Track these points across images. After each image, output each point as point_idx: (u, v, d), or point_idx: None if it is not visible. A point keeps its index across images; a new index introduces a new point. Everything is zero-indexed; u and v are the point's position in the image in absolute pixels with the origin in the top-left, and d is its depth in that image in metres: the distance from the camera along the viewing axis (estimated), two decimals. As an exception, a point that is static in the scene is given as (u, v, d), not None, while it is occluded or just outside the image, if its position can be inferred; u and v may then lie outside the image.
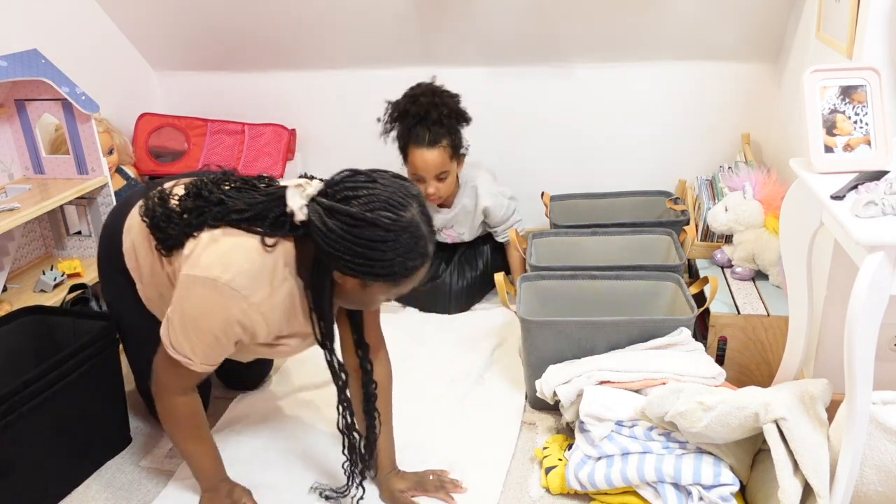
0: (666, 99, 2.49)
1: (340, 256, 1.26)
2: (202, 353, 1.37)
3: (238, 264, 1.32)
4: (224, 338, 1.36)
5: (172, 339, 1.37)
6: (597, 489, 1.52)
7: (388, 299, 1.42)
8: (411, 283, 1.35)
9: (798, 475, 1.31)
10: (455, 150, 2.18)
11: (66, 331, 1.75)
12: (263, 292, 1.34)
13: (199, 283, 1.32)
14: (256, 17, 2.47)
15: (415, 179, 2.17)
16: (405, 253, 1.27)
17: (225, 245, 1.34)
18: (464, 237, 2.39)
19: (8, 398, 1.46)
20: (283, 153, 2.65)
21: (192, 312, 1.34)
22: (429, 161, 2.12)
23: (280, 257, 1.35)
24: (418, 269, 1.32)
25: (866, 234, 1.13)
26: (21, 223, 1.91)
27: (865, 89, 1.35)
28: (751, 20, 2.23)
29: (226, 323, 1.33)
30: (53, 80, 2.01)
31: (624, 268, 1.96)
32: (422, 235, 1.29)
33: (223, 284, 1.30)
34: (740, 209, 1.93)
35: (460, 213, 2.32)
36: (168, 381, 1.43)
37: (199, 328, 1.34)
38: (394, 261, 1.27)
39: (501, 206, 2.32)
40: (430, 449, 1.71)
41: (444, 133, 2.13)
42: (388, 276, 1.29)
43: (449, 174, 2.18)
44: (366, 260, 1.26)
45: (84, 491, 1.64)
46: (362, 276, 1.28)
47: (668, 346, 1.69)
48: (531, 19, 2.34)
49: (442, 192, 2.20)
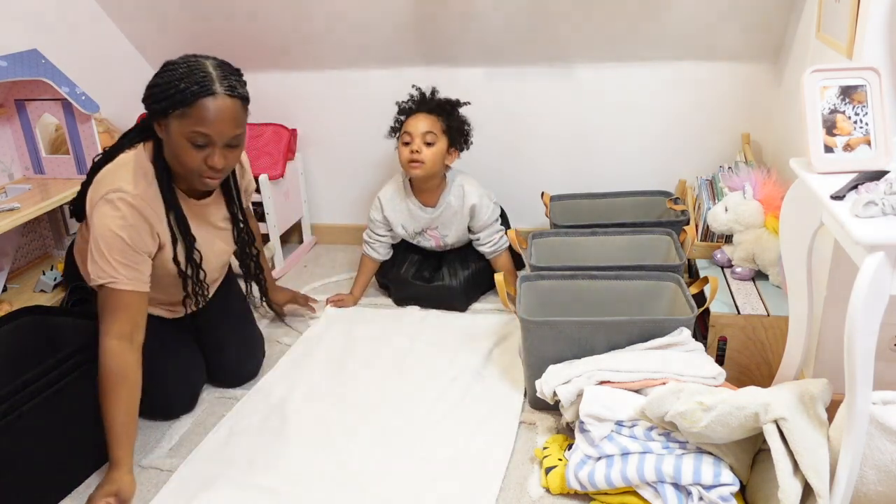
0: (666, 99, 2.49)
1: (146, 103, 1.58)
2: (121, 266, 1.58)
3: (111, 178, 1.61)
4: (131, 240, 1.59)
5: (94, 270, 1.58)
6: (597, 489, 1.52)
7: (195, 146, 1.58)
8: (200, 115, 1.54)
9: (798, 475, 1.31)
10: (449, 130, 2.23)
11: (67, 331, 1.76)
12: (138, 187, 1.61)
13: (96, 208, 1.59)
14: (256, 17, 2.47)
15: (402, 145, 2.22)
16: (181, 78, 1.53)
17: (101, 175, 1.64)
18: (447, 240, 2.39)
19: (8, 398, 1.46)
20: (283, 153, 2.65)
21: (98, 231, 1.57)
22: (420, 121, 2.20)
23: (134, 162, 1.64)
24: (198, 94, 1.53)
25: (866, 234, 1.13)
26: (21, 223, 1.91)
27: (865, 89, 1.34)
28: (751, 20, 2.23)
29: (123, 221, 1.58)
30: (53, 80, 2.01)
31: (624, 268, 1.95)
32: (204, 69, 1.56)
33: (108, 195, 1.58)
34: (740, 209, 1.93)
35: (446, 213, 2.33)
36: (105, 323, 1.59)
37: (107, 241, 1.57)
38: (171, 83, 1.53)
39: (487, 207, 2.33)
40: (429, 447, 1.71)
41: (439, 111, 2.23)
42: (168, 103, 1.54)
43: (435, 146, 2.20)
44: (153, 90, 1.56)
45: (84, 491, 1.64)
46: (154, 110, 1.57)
47: (668, 346, 1.69)
48: (531, 19, 2.34)
49: (425, 159, 2.19)
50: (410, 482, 1.61)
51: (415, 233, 2.38)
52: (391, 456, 1.69)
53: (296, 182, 2.81)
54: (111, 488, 1.53)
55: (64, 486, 1.63)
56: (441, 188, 2.32)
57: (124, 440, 1.57)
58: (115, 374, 1.56)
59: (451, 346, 2.14)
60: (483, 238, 2.35)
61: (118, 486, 1.54)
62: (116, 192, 1.58)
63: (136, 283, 1.61)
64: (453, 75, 2.48)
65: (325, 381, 2.00)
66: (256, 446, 1.76)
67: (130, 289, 1.60)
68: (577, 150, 2.62)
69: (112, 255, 1.57)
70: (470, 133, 2.30)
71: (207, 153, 1.59)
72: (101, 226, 1.57)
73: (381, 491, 1.59)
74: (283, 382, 2.01)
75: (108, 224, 1.57)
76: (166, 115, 1.56)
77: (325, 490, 1.60)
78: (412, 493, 1.58)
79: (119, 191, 1.58)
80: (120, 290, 1.58)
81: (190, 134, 1.56)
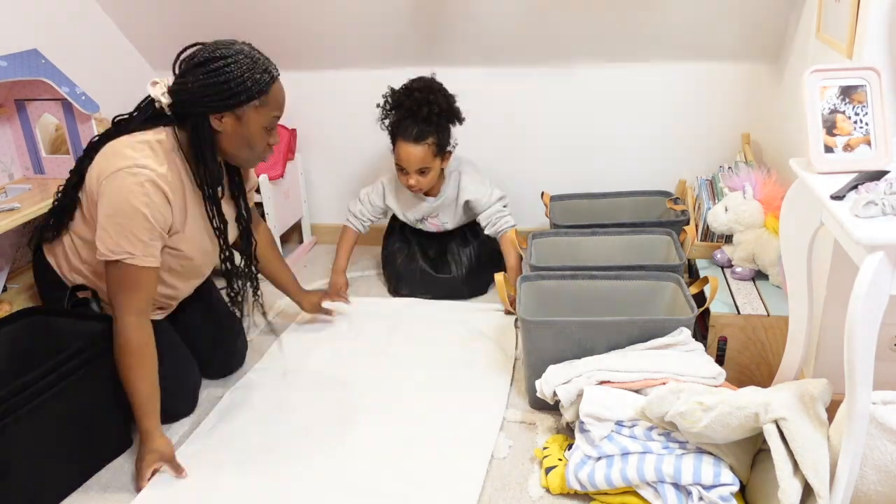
0: (666, 99, 2.49)
1: (202, 100, 1.55)
2: (139, 241, 1.54)
3: (129, 154, 1.56)
4: (153, 217, 1.55)
5: (109, 244, 1.54)
6: (597, 489, 1.52)
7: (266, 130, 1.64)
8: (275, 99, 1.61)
9: (798, 475, 1.31)
10: (440, 148, 2.25)
11: (67, 332, 1.75)
12: (161, 167, 1.57)
13: (111, 179, 1.53)
14: (256, 17, 2.47)
15: (397, 169, 2.30)
16: (249, 68, 1.55)
17: (112, 149, 1.59)
18: (447, 226, 2.46)
19: (6, 400, 1.46)
20: (282, 153, 2.65)
21: (116, 203, 1.53)
22: (412, 155, 2.21)
23: (157, 146, 1.60)
24: (270, 83, 1.59)
25: (866, 234, 1.13)
26: (21, 223, 1.91)
27: (865, 89, 1.35)
28: (751, 20, 2.23)
29: (147, 197, 1.53)
30: (53, 80, 2.01)
31: (624, 268, 1.96)
32: (256, 56, 1.59)
33: (131, 169, 1.53)
34: (740, 209, 1.93)
35: (445, 202, 2.41)
36: (121, 298, 1.57)
37: (126, 214, 1.53)
38: (243, 76, 1.54)
39: (484, 194, 2.37)
40: (417, 438, 1.74)
41: (431, 131, 2.21)
42: (248, 93, 1.56)
43: (431, 170, 2.26)
44: (222, 87, 1.53)
45: (83, 493, 1.64)
46: (229, 105, 1.56)
47: (668, 346, 1.69)
48: (531, 19, 2.34)
49: (422, 185, 2.28)
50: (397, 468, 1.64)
51: (416, 220, 2.46)
52: (380, 447, 1.72)
53: (296, 182, 2.81)
54: (153, 457, 1.61)
55: (62, 489, 1.63)
56: (440, 181, 2.39)
57: (152, 410, 1.63)
58: (137, 347, 1.59)
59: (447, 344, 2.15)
60: (483, 219, 2.40)
61: (158, 452, 1.62)
62: (141, 168, 1.54)
63: (153, 259, 1.59)
64: (453, 75, 2.47)
65: (319, 370, 2.05)
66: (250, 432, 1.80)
67: (148, 265, 1.58)
68: (577, 150, 2.62)
69: (132, 230, 1.54)
70: (455, 120, 2.28)
71: (272, 134, 1.69)
72: (122, 199, 1.53)
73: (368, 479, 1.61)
74: (273, 372, 2.05)
75: (130, 198, 1.53)
76: (240, 107, 1.58)
77: (315, 478, 1.63)
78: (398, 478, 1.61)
79: (144, 167, 1.54)
80: (138, 266, 1.57)
81: (270, 119, 1.64)
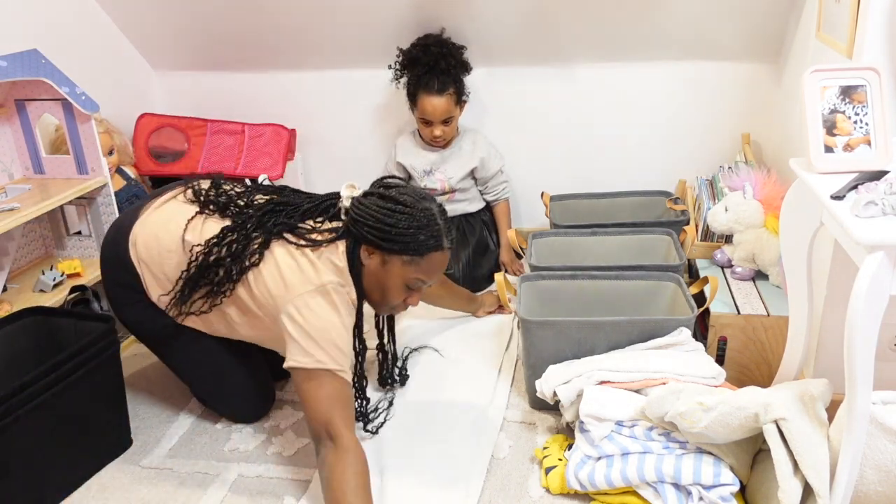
0: (666, 99, 2.49)
1: (364, 222, 1.52)
2: (345, 357, 1.49)
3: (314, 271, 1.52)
4: (349, 332, 1.53)
5: (319, 357, 1.46)
6: (597, 489, 1.52)
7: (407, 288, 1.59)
8: (427, 267, 1.55)
9: (798, 475, 1.31)
10: (459, 97, 2.39)
11: (68, 332, 1.75)
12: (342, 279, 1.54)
13: (308, 298, 1.49)
14: (256, 17, 2.47)
15: (422, 123, 2.40)
16: (420, 227, 1.50)
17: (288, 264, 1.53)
18: (452, 182, 2.48)
19: (6, 400, 1.46)
20: (283, 153, 2.65)
21: (319, 324, 1.48)
22: (437, 107, 2.33)
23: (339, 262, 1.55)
24: (432, 250, 1.53)
25: (866, 234, 1.13)
26: (21, 223, 1.91)
27: (865, 89, 1.35)
28: (751, 20, 2.23)
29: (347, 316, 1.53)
30: (53, 80, 2.00)
31: (624, 268, 1.96)
32: (437, 222, 1.53)
33: (324, 285, 1.50)
34: (740, 209, 1.93)
35: (455, 153, 2.48)
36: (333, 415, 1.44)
37: (331, 333, 1.48)
38: (408, 231, 1.50)
39: (494, 157, 2.51)
40: (416, 438, 1.75)
41: (450, 81, 2.34)
42: (402, 247, 1.51)
43: (454, 119, 2.40)
44: (385, 227, 1.50)
45: (84, 492, 1.64)
46: (380, 244, 1.51)
47: (668, 346, 1.69)
48: (531, 19, 2.34)
49: (447, 135, 2.41)
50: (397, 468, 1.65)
51: (424, 172, 2.49)
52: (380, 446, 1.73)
53: (296, 182, 2.80)
54: None
55: (63, 488, 1.63)
56: (453, 135, 2.48)
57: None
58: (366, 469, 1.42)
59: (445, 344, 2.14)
60: (489, 187, 2.53)
61: None
62: (332, 285, 1.51)
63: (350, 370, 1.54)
64: (453, 75, 2.48)
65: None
66: None
67: (349, 379, 1.52)
68: (577, 150, 2.62)
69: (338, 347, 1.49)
70: (465, 71, 2.41)
71: (412, 295, 1.62)
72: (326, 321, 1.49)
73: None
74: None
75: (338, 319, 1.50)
76: (389, 253, 1.53)
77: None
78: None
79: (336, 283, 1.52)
80: (347, 380, 1.50)
81: (412, 279, 1.57)
